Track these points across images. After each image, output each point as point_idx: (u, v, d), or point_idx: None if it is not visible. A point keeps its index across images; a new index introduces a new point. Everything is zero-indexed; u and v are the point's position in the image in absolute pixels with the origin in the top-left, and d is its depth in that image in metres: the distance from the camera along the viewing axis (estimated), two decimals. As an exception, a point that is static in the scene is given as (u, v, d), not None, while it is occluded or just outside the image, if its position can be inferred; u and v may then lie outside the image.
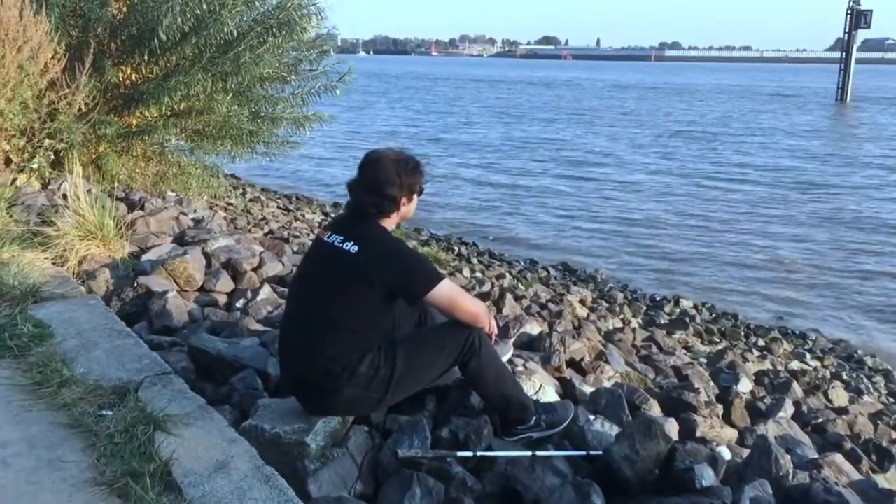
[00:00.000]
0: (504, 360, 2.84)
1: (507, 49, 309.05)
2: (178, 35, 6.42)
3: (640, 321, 7.40)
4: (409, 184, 2.49)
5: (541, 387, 2.98)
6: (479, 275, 8.07)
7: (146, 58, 6.59)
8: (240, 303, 3.90)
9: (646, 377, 4.01)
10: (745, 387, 4.24)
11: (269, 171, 15.38)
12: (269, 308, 3.81)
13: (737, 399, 3.81)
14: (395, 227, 2.59)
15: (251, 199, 11.79)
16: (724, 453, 2.85)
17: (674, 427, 3.03)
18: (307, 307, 2.47)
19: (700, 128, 30.16)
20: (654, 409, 3.24)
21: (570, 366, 3.62)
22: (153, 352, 2.87)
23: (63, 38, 6.14)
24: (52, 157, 6.25)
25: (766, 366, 6.02)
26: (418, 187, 2.54)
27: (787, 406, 3.94)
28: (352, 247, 2.38)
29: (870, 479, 3.16)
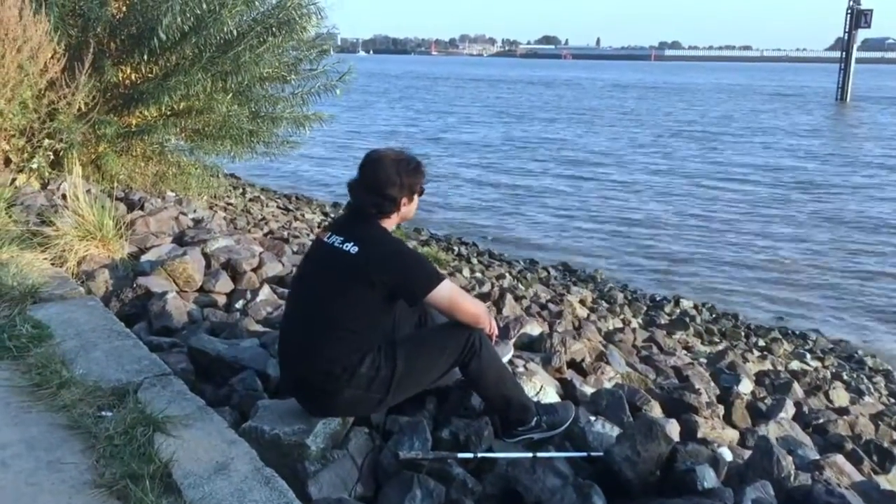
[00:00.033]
0: (505, 361, 2.84)
1: (507, 48, 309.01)
2: (177, 35, 6.41)
3: (641, 321, 7.39)
4: (410, 184, 2.48)
5: (541, 388, 2.97)
6: (478, 275, 8.06)
7: (146, 57, 6.59)
8: (239, 303, 3.89)
9: (646, 378, 4.00)
10: (745, 387, 4.23)
11: (269, 171, 15.36)
12: (269, 309, 3.81)
13: (738, 400, 3.80)
14: (395, 228, 2.58)
15: (251, 199, 11.78)
16: (726, 454, 2.84)
17: (675, 428, 3.02)
18: (307, 308, 2.46)
19: (700, 127, 30.15)
20: (655, 410, 3.23)
21: (570, 366, 3.60)
22: (152, 353, 2.86)
23: (62, 38, 6.13)
24: (52, 157, 6.24)
25: (767, 366, 6.01)
26: (419, 188, 2.53)
27: (788, 407, 3.93)
28: (352, 247, 2.37)
29: (871, 481, 3.15)
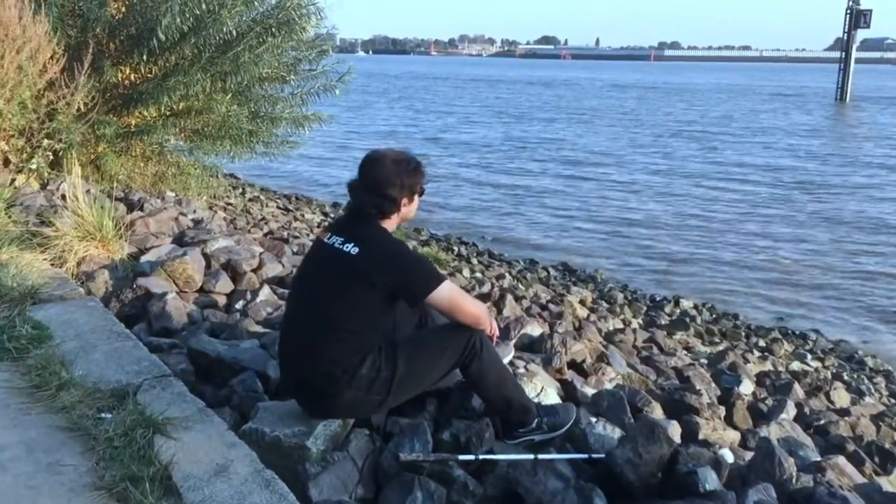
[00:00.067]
0: (505, 362, 2.83)
1: (506, 49, 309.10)
2: (177, 35, 6.41)
3: (641, 322, 7.38)
4: (410, 184, 2.47)
5: (542, 389, 2.96)
6: (478, 275, 8.05)
7: (145, 58, 6.58)
8: (239, 304, 3.87)
9: (647, 379, 3.98)
10: (746, 388, 4.22)
11: (268, 171, 15.36)
12: (269, 309, 3.79)
13: (739, 401, 3.79)
14: (395, 229, 2.57)
15: (250, 199, 11.76)
16: (727, 456, 2.82)
17: (676, 430, 3.01)
18: (307, 309, 2.45)
19: (700, 127, 30.15)
20: (657, 412, 3.22)
21: (571, 367, 3.59)
22: (152, 354, 2.85)
23: (62, 39, 6.13)
24: (51, 157, 6.23)
25: (767, 367, 6.00)
26: (419, 188, 2.53)
27: (789, 407, 3.92)
28: (352, 248, 2.36)
29: (873, 483, 3.14)
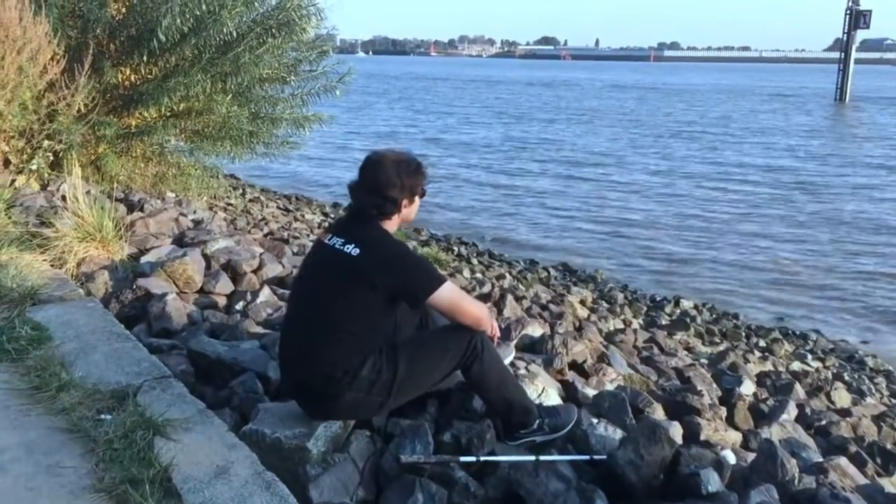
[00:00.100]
0: (506, 363, 2.82)
1: (506, 49, 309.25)
2: (177, 36, 6.40)
3: (641, 322, 7.37)
4: (411, 186, 2.47)
5: (543, 390, 2.96)
6: (479, 275, 8.04)
7: (145, 59, 6.57)
8: (239, 305, 3.86)
9: (648, 379, 3.97)
10: (747, 389, 4.20)
11: (269, 172, 15.36)
12: (269, 310, 3.78)
13: (740, 401, 3.78)
14: (395, 230, 2.57)
15: (251, 200, 11.76)
16: (730, 457, 2.81)
17: (678, 431, 3.00)
18: (308, 310, 2.45)
19: (700, 128, 30.14)
20: (658, 413, 3.21)
21: (572, 368, 3.58)
22: (152, 355, 2.84)
23: (62, 39, 6.12)
24: (51, 158, 6.22)
25: (768, 367, 5.98)
26: (420, 189, 2.52)
27: (791, 408, 3.90)
28: (353, 249, 2.35)
29: (875, 484, 3.13)
